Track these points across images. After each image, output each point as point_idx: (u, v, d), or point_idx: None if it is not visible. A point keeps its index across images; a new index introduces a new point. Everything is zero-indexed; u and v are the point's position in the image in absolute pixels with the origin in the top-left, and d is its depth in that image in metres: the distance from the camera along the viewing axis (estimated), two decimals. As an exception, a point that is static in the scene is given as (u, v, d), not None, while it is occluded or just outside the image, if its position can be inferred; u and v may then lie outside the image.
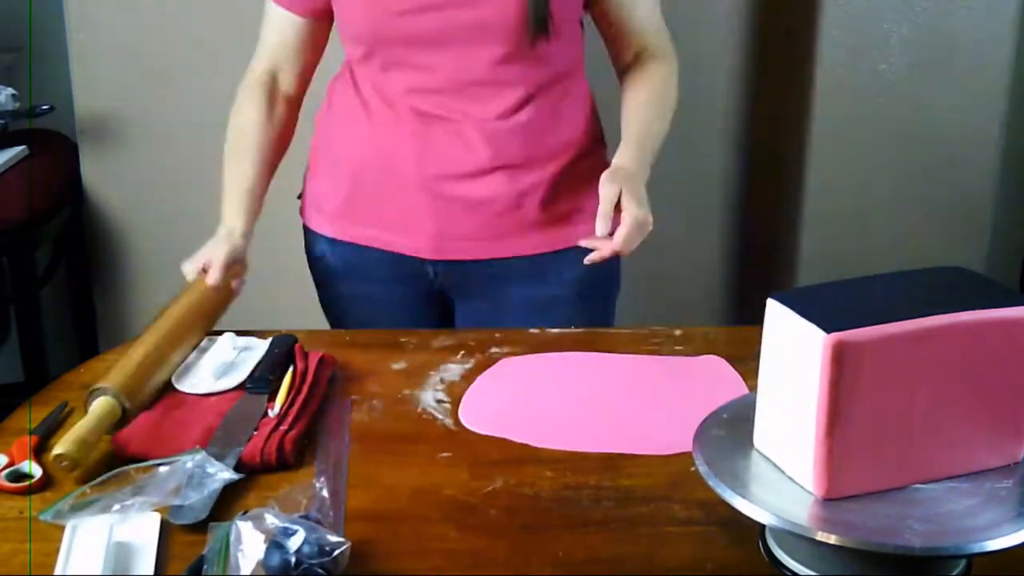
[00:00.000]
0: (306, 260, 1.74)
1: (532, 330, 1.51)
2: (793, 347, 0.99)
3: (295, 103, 1.63)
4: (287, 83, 1.61)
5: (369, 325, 1.61)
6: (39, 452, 1.21)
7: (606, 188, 1.41)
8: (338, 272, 1.65)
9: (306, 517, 1.03)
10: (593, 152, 1.61)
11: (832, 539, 0.94)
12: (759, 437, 1.06)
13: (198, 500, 1.10)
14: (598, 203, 1.44)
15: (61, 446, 1.13)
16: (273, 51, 1.60)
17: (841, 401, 0.96)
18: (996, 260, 2.48)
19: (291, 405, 1.28)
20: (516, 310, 1.60)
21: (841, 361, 0.95)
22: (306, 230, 1.69)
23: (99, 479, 1.14)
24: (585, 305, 1.61)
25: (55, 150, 2.50)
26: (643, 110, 1.56)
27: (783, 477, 1.02)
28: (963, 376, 1.00)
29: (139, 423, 1.24)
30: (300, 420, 1.25)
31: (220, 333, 1.43)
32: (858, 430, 0.98)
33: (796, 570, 1.01)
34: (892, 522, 0.96)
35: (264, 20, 1.60)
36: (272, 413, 1.26)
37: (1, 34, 2.56)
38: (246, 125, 1.61)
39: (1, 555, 1.06)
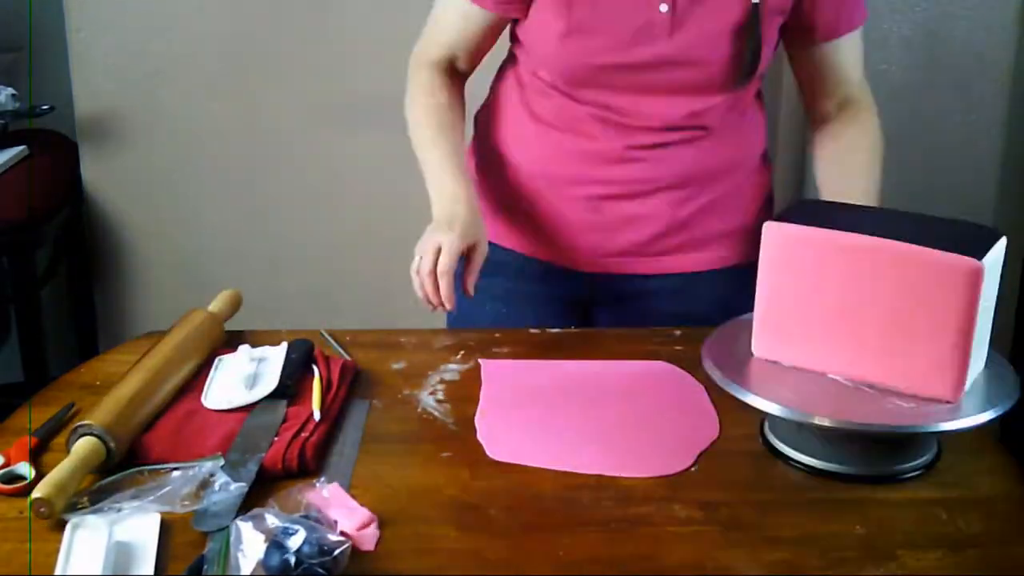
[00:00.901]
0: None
1: (532, 330, 1.52)
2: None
3: (465, 83, 1.62)
4: (464, 67, 1.60)
5: (504, 319, 1.61)
6: (39, 453, 1.21)
7: None
8: (484, 269, 1.60)
9: (306, 517, 1.03)
10: (756, 173, 1.61)
11: (826, 422, 1.14)
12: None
13: (223, 507, 1.10)
14: (752, 222, 1.52)
15: (40, 490, 1.08)
16: (454, 40, 1.56)
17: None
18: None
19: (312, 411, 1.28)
20: (657, 322, 1.58)
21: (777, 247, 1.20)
22: None
23: (111, 478, 1.14)
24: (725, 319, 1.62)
25: (55, 150, 2.50)
26: (867, 172, 1.55)
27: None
28: (896, 297, 1.16)
29: (159, 430, 1.23)
30: (321, 426, 1.25)
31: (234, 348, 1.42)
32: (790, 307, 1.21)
33: (793, 456, 1.20)
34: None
35: (442, 7, 1.57)
36: (317, 416, 1.26)
37: (1, 34, 2.56)
38: (442, 107, 1.56)
39: (1, 555, 1.05)
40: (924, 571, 1.05)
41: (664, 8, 1.42)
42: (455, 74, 1.59)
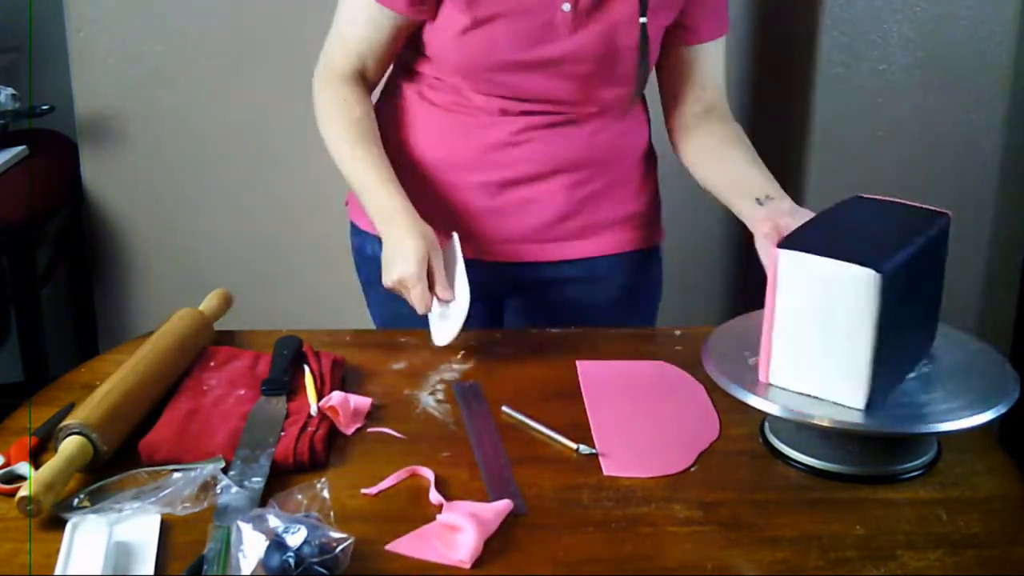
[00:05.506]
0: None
1: (532, 330, 1.52)
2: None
3: (373, 91, 1.60)
4: (373, 75, 1.57)
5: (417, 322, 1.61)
6: (38, 453, 1.21)
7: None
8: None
9: (307, 517, 1.03)
10: (644, 162, 1.63)
11: (826, 422, 1.14)
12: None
13: (243, 502, 1.10)
14: (647, 209, 1.54)
15: (27, 490, 1.07)
16: (363, 47, 1.54)
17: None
18: (996, 260, 2.48)
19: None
20: (563, 311, 1.61)
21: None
22: (356, 230, 1.68)
23: (111, 479, 1.14)
24: (632, 309, 1.62)
25: (55, 150, 2.50)
26: (754, 160, 1.54)
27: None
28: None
29: (164, 430, 1.23)
30: (325, 420, 1.26)
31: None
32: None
33: (793, 456, 1.21)
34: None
35: (349, 16, 1.54)
36: (313, 412, 1.27)
37: (1, 34, 2.56)
38: (361, 119, 1.53)
39: (1, 555, 1.06)
40: (924, 571, 1.05)
41: (567, 7, 1.44)
42: (364, 85, 1.56)
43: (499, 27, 1.45)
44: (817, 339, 1.16)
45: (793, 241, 1.18)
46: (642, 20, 1.45)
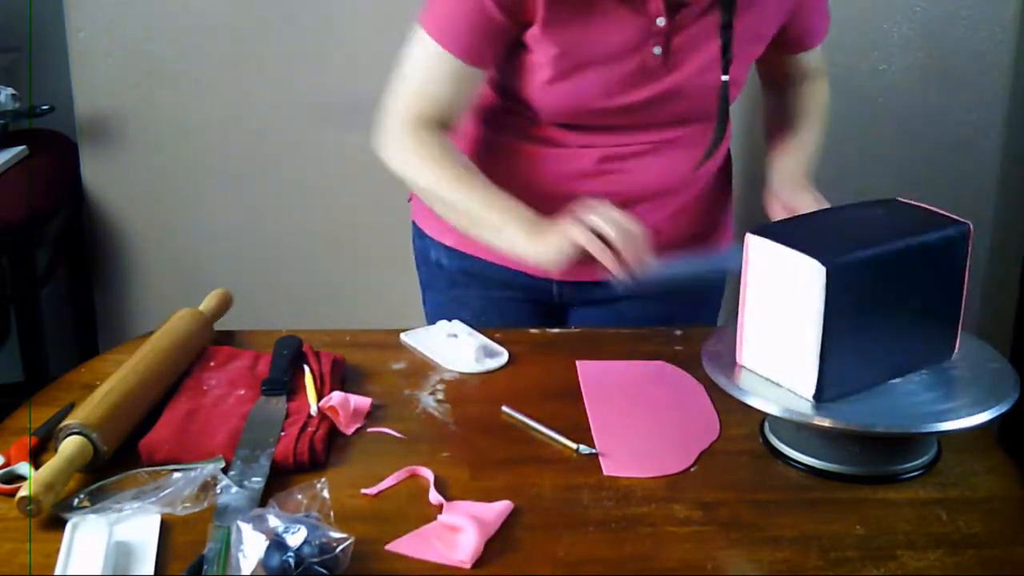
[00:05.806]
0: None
1: (532, 330, 1.52)
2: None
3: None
4: (453, 124, 1.49)
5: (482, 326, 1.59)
6: (38, 453, 1.21)
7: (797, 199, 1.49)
8: (456, 279, 1.63)
9: (307, 517, 1.03)
10: (719, 180, 1.62)
11: (827, 422, 1.14)
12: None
13: (243, 502, 1.10)
14: (716, 229, 1.57)
15: (27, 490, 1.07)
16: (449, 97, 1.45)
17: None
18: (996, 260, 2.48)
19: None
20: (629, 322, 1.60)
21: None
22: (420, 233, 1.67)
23: (111, 479, 1.14)
24: (695, 319, 1.62)
25: (55, 150, 2.50)
26: (810, 121, 1.64)
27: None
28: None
29: (163, 430, 1.23)
30: (324, 420, 1.26)
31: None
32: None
33: (793, 456, 1.21)
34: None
35: (428, 63, 1.45)
36: (313, 412, 1.27)
37: (1, 34, 2.56)
38: (454, 153, 1.47)
39: (1, 555, 1.06)
40: (924, 571, 1.05)
41: (658, 50, 1.42)
42: (446, 129, 1.49)
43: (588, 76, 1.43)
44: (778, 325, 1.18)
45: (764, 229, 1.22)
46: (724, 78, 1.43)
